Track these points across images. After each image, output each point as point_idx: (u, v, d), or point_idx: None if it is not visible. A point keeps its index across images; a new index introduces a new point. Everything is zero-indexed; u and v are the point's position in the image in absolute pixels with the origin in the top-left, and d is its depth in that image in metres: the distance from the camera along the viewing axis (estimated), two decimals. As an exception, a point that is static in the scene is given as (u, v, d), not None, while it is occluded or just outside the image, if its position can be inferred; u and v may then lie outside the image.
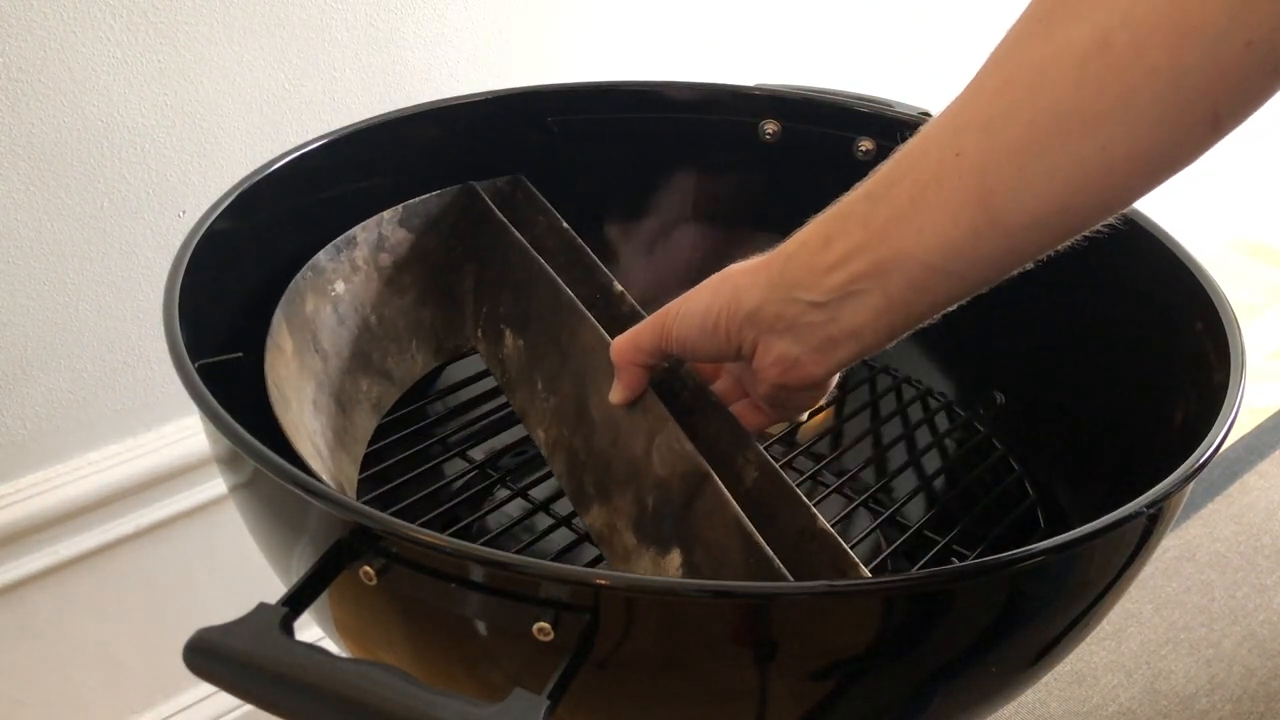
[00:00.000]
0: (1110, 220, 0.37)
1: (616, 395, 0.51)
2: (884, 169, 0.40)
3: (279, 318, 0.53)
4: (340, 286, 0.60)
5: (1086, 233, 0.38)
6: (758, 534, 0.44)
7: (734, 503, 0.45)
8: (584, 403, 0.55)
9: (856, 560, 0.45)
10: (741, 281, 0.44)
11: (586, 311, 0.55)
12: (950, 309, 0.41)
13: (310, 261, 0.58)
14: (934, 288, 0.39)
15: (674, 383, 0.55)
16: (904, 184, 0.38)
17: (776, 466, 0.50)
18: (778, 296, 0.42)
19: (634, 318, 0.59)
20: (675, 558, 0.48)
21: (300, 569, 0.39)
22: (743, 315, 0.44)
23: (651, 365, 0.50)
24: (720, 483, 0.46)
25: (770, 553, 0.43)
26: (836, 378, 0.47)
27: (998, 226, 0.37)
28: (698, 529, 0.47)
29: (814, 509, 0.47)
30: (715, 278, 0.46)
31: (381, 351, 0.62)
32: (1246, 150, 1.59)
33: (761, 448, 0.51)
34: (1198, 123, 0.33)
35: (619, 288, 0.60)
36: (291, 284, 0.56)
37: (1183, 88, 0.32)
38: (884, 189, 0.39)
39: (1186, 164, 0.34)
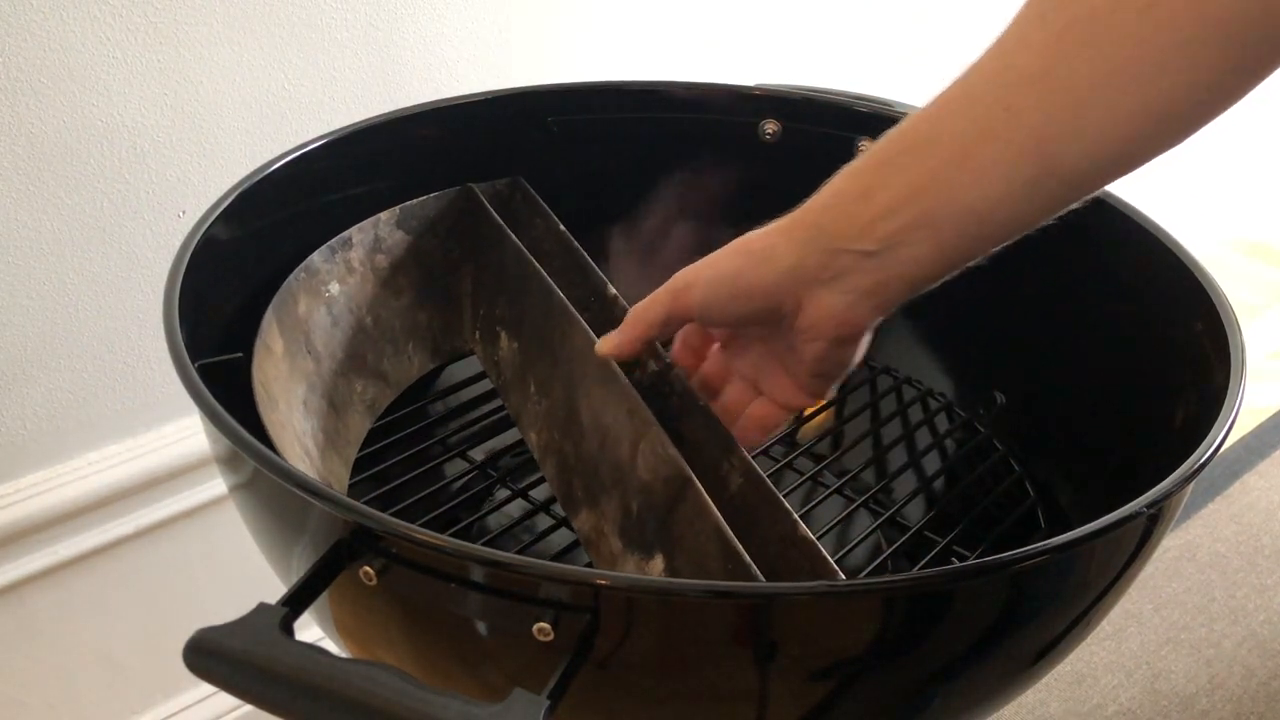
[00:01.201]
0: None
1: (605, 345, 0.50)
2: (918, 120, 0.40)
3: (270, 318, 0.53)
4: (335, 288, 0.60)
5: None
6: (736, 540, 0.44)
7: (714, 509, 0.45)
8: (574, 406, 0.55)
9: (836, 568, 0.44)
10: (769, 241, 0.44)
11: (578, 315, 0.55)
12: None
13: (304, 263, 0.58)
14: (986, 234, 0.39)
15: (662, 387, 0.55)
16: (948, 136, 0.38)
17: (761, 473, 0.50)
18: (819, 248, 0.42)
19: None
20: (658, 563, 0.48)
21: (300, 569, 0.39)
22: (779, 273, 0.43)
23: (655, 337, 0.49)
24: (701, 488, 0.46)
25: (748, 559, 0.43)
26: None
27: (1054, 175, 0.37)
28: (679, 534, 0.47)
29: (796, 516, 0.47)
30: (732, 245, 0.45)
31: (377, 353, 0.62)
32: (1246, 150, 1.59)
33: (747, 454, 0.51)
34: (1260, 59, 0.34)
35: (613, 291, 0.60)
36: (284, 285, 0.56)
37: (1244, 29, 0.33)
38: (925, 141, 0.39)
39: (1245, 95, 0.35)
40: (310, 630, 0.49)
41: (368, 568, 0.37)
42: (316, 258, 0.59)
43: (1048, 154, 0.37)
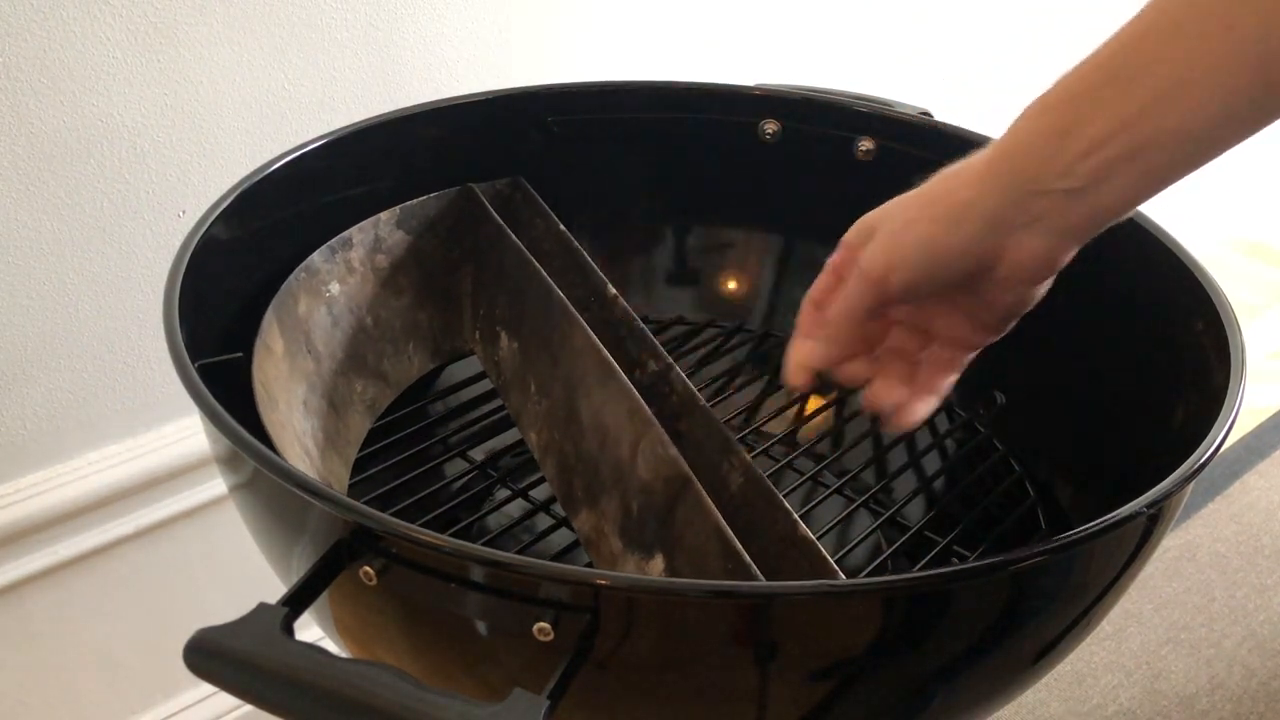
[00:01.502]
0: None
1: (813, 358, 0.47)
2: (1112, 52, 0.39)
3: (270, 318, 0.53)
4: (335, 288, 0.60)
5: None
6: (736, 540, 0.44)
7: (714, 509, 0.45)
8: (574, 406, 0.55)
9: (836, 568, 0.44)
10: (960, 198, 0.42)
11: (578, 315, 0.55)
12: None
13: (304, 263, 0.58)
14: (1197, 157, 0.39)
15: (662, 387, 0.55)
16: (1160, 63, 0.38)
17: (761, 473, 0.50)
18: (1019, 192, 0.41)
19: (626, 321, 0.59)
20: (658, 563, 0.48)
21: (300, 569, 0.39)
22: (979, 228, 0.42)
23: (860, 332, 0.47)
24: (701, 488, 0.46)
25: (748, 559, 0.43)
26: None
27: (1278, 90, 0.36)
28: (679, 534, 0.47)
29: (796, 516, 0.47)
30: (914, 213, 0.43)
31: (377, 353, 0.62)
32: (1246, 150, 1.59)
33: (747, 454, 0.51)
34: None
35: (613, 291, 0.60)
36: (284, 285, 0.56)
37: None
38: (1132, 71, 0.38)
39: None
40: (310, 630, 0.49)
41: (368, 568, 0.37)
42: (316, 258, 0.59)
43: (1270, 69, 0.36)
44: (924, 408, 0.49)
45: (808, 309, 0.49)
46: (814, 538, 0.46)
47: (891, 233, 0.44)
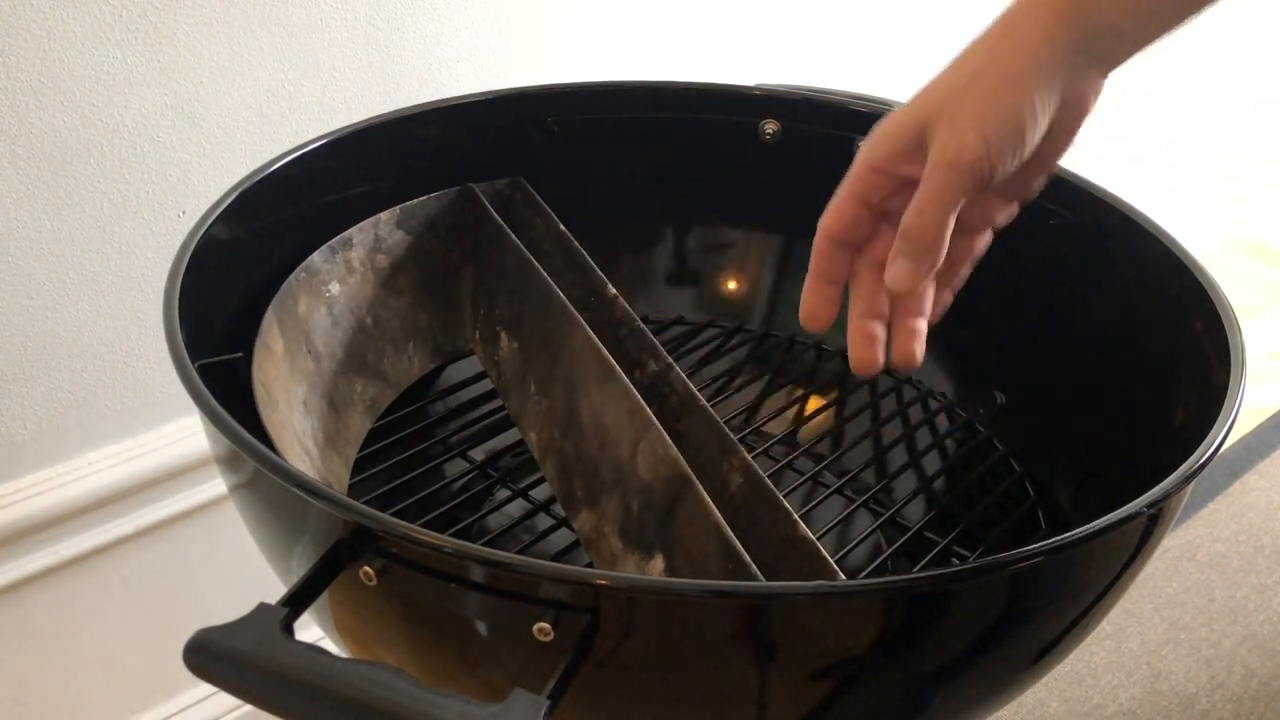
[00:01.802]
0: None
1: (905, 276, 0.44)
2: None
3: (270, 318, 0.53)
4: (335, 288, 0.60)
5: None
6: (736, 541, 0.44)
7: (714, 509, 0.45)
8: (574, 406, 0.55)
9: (836, 569, 0.44)
10: (1037, 60, 0.41)
11: (578, 315, 0.55)
12: None
13: (304, 263, 0.58)
14: None
15: (662, 387, 0.55)
16: None
17: (761, 473, 0.50)
18: (1088, 38, 0.41)
19: (626, 321, 0.59)
20: (658, 563, 0.48)
21: (300, 569, 0.39)
22: (1058, 76, 0.41)
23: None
24: (701, 488, 0.46)
25: (748, 559, 0.43)
26: None
27: None
28: (679, 534, 0.47)
29: (796, 516, 0.47)
30: (989, 81, 0.41)
31: (377, 353, 0.62)
32: (1245, 150, 1.59)
33: (747, 454, 0.51)
34: None
35: (613, 291, 0.60)
36: (284, 285, 0.56)
37: None
38: None
39: None
40: (310, 630, 0.49)
41: (368, 568, 0.38)
42: (316, 258, 0.59)
43: None
44: (940, 306, 0.48)
45: (825, 247, 0.46)
46: (814, 538, 0.46)
47: (977, 107, 0.41)
